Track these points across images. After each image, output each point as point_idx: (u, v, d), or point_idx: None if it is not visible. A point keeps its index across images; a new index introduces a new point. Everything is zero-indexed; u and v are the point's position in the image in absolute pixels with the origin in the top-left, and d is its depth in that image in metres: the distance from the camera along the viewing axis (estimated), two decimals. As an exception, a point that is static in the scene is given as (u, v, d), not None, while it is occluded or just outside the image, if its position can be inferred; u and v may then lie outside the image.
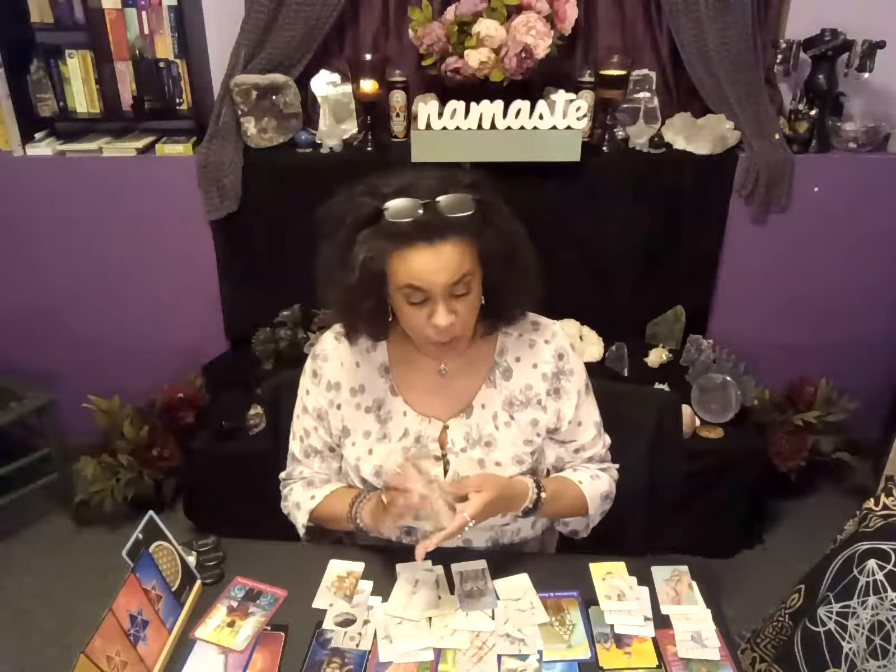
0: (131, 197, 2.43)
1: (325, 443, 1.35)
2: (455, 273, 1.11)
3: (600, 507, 1.36)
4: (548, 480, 1.32)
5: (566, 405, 1.32)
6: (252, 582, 1.26)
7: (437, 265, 1.10)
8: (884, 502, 1.33)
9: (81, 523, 2.50)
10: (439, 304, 1.13)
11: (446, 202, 1.10)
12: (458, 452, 1.28)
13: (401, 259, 1.11)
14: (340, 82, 2.42)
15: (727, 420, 2.31)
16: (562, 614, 1.20)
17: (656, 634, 1.17)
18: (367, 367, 1.31)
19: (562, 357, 1.31)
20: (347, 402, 1.31)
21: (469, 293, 1.15)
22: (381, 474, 1.27)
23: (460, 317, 1.16)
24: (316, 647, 1.15)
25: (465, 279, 1.13)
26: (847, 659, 1.28)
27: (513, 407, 1.29)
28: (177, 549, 1.23)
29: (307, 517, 1.33)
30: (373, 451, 1.29)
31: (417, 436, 1.28)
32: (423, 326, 1.16)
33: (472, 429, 1.28)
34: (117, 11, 2.29)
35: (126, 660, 1.04)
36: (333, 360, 1.32)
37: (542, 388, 1.30)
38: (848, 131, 2.41)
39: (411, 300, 1.14)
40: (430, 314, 1.14)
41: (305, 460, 1.38)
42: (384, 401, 1.30)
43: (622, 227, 2.45)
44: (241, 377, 2.45)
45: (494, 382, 1.30)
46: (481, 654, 1.13)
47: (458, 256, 1.11)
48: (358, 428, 1.31)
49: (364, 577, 1.27)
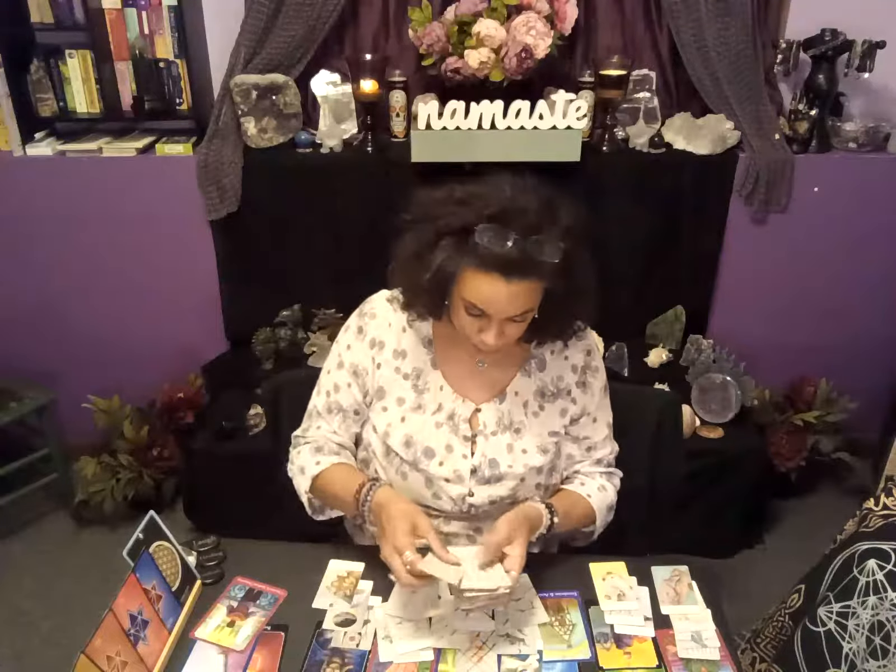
0: (131, 197, 2.43)
1: (353, 402, 1.34)
2: (519, 309, 1.15)
3: (605, 518, 1.38)
4: (558, 499, 1.32)
5: (590, 400, 1.35)
6: (252, 582, 1.26)
7: (506, 300, 1.13)
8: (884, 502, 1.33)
9: (81, 523, 2.49)
10: (493, 327, 1.16)
11: (537, 247, 1.09)
12: (488, 435, 1.29)
13: (474, 278, 1.13)
14: (340, 82, 2.42)
15: (727, 420, 2.31)
16: (562, 614, 1.20)
17: (656, 634, 1.17)
18: (413, 335, 1.32)
19: (590, 353, 1.36)
20: (388, 363, 1.31)
21: (524, 322, 1.19)
22: (411, 444, 1.28)
23: (508, 337, 1.19)
24: (316, 647, 1.14)
25: (526, 314, 1.17)
26: (847, 659, 1.27)
27: (544, 397, 1.33)
28: (177, 549, 1.23)
29: (310, 483, 1.31)
30: (405, 419, 1.30)
31: (451, 413, 1.29)
32: (473, 335, 1.20)
33: (503, 414, 1.30)
34: (117, 11, 2.29)
35: (126, 660, 1.04)
36: (382, 318, 1.33)
37: (572, 380, 1.34)
38: (848, 131, 2.42)
39: (470, 312, 1.17)
40: (482, 329, 1.18)
41: (327, 415, 1.35)
42: (423, 371, 1.31)
43: (622, 228, 2.45)
44: (241, 377, 2.45)
45: (529, 372, 1.33)
46: (481, 654, 1.13)
47: (527, 295, 1.14)
48: (393, 392, 1.31)
49: (364, 577, 1.27)
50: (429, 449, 1.28)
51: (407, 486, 1.30)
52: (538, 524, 1.23)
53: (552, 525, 1.24)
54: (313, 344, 2.49)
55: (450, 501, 1.29)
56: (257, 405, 2.30)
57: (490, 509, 1.30)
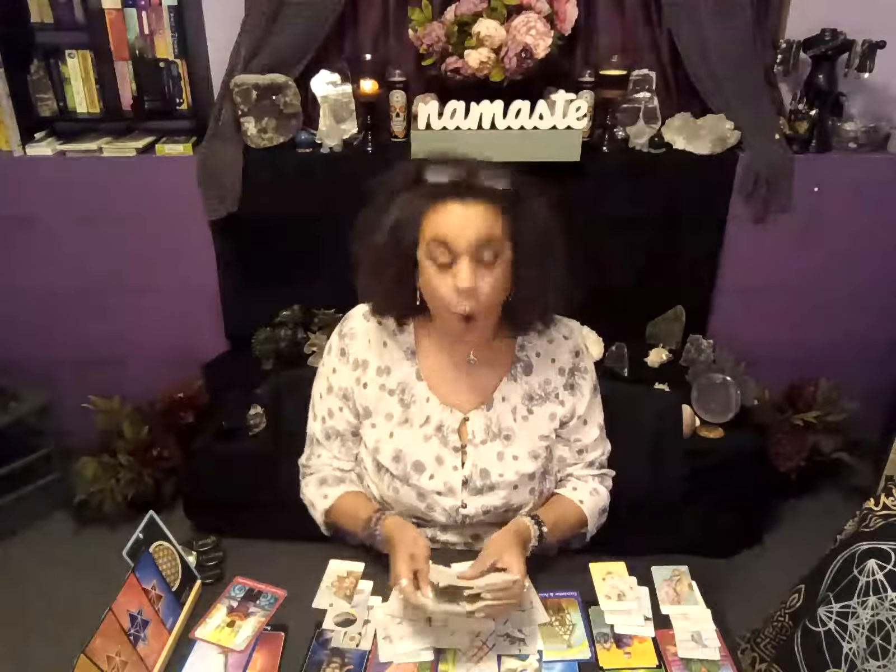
0: (131, 197, 2.42)
1: (348, 425, 1.35)
2: (482, 232, 1.13)
3: (597, 522, 1.38)
4: (549, 509, 1.32)
5: (579, 402, 1.34)
6: (252, 582, 1.26)
7: (466, 221, 1.13)
8: (884, 502, 1.33)
9: (81, 523, 2.49)
10: (464, 262, 1.13)
11: (486, 171, 1.16)
12: (477, 445, 1.29)
13: (433, 215, 1.16)
14: (340, 82, 2.41)
15: (727, 420, 2.31)
16: (562, 614, 1.20)
17: (656, 634, 1.17)
18: (395, 348, 1.32)
19: (578, 354, 1.34)
20: (373, 381, 1.31)
21: (495, 264, 1.15)
22: (400, 459, 1.28)
23: (483, 288, 1.15)
24: (316, 647, 1.14)
25: (493, 245, 1.15)
26: (847, 659, 1.27)
27: (532, 401, 1.31)
28: (177, 549, 1.23)
29: (323, 517, 1.35)
30: (394, 434, 1.30)
31: (439, 424, 1.29)
32: (447, 294, 1.16)
33: (492, 421, 1.29)
34: (117, 11, 2.29)
35: (126, 660, 1.04)
36: (361, 337, 1.33)
37: (559, 383, 1.33)
38: (848, 131, 2.42)
39: (438, 260, 1.15)
40: (455, 277, 1.14)
41: (326, 442, 1.36)
42: (408, 384, 1.30)
43: (622, 227, 2.45)
44: (241, 377, 2.44)
45: (515, 377, 1.31)
46: (481, 654, 1.13)
47: (488, 218, 1.14)
48: (380, 410, 1.31)
49: (364, 577, 1.27)
50: (418, 463, 1.28)
51: (399, 500, 1.30)
52: (527, 536, 1.23)
53: (542, 536, 1.25)
54: (313, 344, 2.49)
55: (444, 514, 1.29)
56: (257, 405, 2.29)
57: (485, 518, 1.30)
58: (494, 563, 1.13)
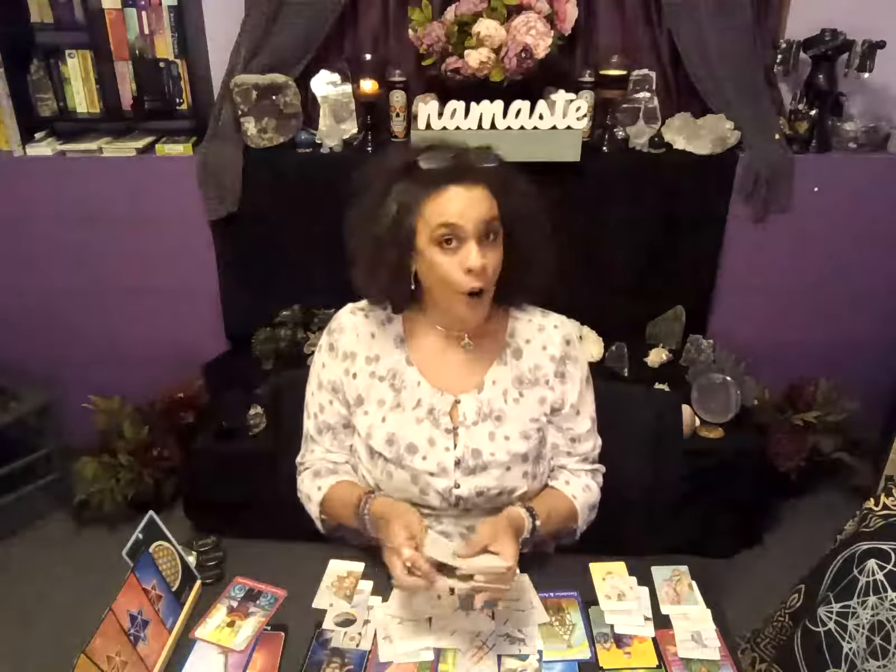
0: (131, 197, 2.42)
1: (340, 417, 1.36)
2: (486, 213, 1.18)
3: (587, 518, 1.39)
4: (541, 501, 1.33)
5: (570, 390, 1.35)
6: (252, 582, 1.26)
7: (471, 202, 1.17)
8: (884, 502, 1.33)
9: (81, 523, 2.49)
10: (472, 243, 1.17)
11: (475, 152, 1.22)
12: (469, 426, 1.29)
13: (435, 202, 1.17)
14: (340, 82, 2.41)
15: (727, 420, 2.31)
16: (562, 614, 1.20)
17: (656, 634, 1.17)
18: (383, 337, 1.34)
19: (569, 343, 1.36)
20: (362, 370, 1.33)
21: (496, 241, 1.21)
22: (393, 442, 1.28)
23: (489, 265, 1.20)
24: (316, 647, 1.15)
25: (494, 224, 1.20)
26: (847, 659, 1.28)
27: (522, 384, 1.33)
28: (177, 549, 1.23)
29: (319, 509, 1.35)
30: (386, 418, 1.31)
31: (430, 407, 1.30)
32: (457, 274, 1.19)
33: (483, 403, 1.30)
34: (117, 11, 2.29)
35: (126, 660, 1.04)
36: (349, 331, 1.34)
37: (550, 369, 1.34)
38: (848, 131, 2.42)
39: (445, 244, 1.18)
40: (464, 259, 1.17)
41: (318, 437, 1.38)
42: (398, 370, 1.32)
43: (622, 227, 2.45)
44: (241, 377, 2.44)
45: (505, 360, 1.33)
46: (481, 654, 1.13)
47: (488, 199, 1.19)
48: (372, 396, 1.32)
49: (364, 577, 1.27)
50: (411, 445, 1.29)
51: (394, 485, 1.30)
52: (520, 525, 1.23)
53: (535, 528, 1.25)
54: (313, 344, 2.49)
55: (437, 496, 1.29)
56: (257, 405, 2.30)
57: (479, 501, 1.30)
58: (486, 546, 1.13)
